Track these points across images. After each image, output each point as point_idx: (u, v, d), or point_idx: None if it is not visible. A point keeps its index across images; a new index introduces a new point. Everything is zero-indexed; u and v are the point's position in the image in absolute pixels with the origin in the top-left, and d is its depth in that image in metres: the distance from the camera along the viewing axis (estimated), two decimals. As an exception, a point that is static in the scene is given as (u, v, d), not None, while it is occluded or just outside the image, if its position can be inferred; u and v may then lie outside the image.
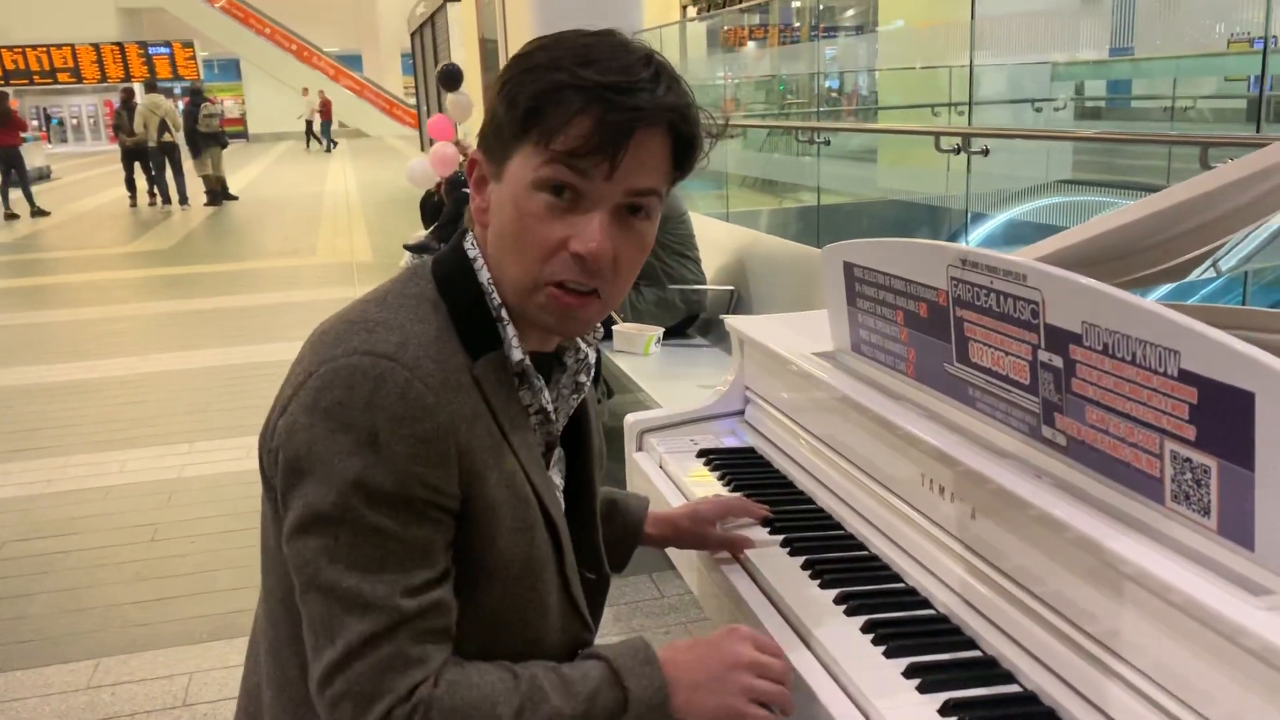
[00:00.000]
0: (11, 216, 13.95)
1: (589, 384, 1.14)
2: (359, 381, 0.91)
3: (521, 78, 0.95)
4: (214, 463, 4.23)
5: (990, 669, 1.09)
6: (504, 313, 1.01)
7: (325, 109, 28.73)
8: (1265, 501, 0.86)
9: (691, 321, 4.12)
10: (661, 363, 3.80)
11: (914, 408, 1.38)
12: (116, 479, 4.10)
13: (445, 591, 0.95)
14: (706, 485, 1.67)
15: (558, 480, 1.14)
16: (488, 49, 9.83)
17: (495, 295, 1.01)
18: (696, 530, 1.40)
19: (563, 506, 1.10)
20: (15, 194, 14.05)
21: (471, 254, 1.03)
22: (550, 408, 1.07)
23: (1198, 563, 0.91)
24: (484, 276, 1.02)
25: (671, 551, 1.66)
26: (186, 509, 3.77)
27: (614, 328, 3.93)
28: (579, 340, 1.12)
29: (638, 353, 3.85)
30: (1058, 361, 1.09)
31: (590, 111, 0.92)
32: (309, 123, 29.04)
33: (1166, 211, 1.49)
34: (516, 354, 1.01)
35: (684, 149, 0.98)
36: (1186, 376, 0.92)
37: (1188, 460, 0.93)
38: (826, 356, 1.64)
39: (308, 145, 28.96)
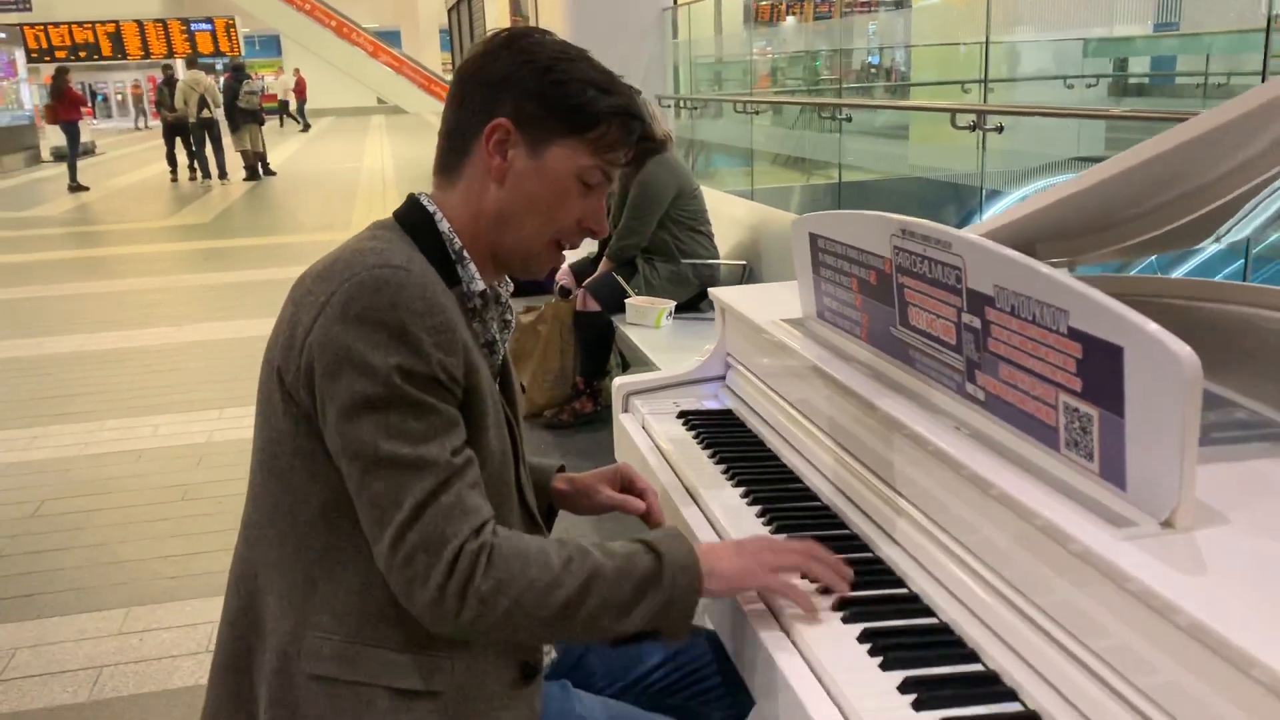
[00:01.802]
0: (79, 189, 14.35)
1: (512, 321, 1.32)
2: (383, 288, 1.07)
3: (583, 89, 1.18)
4: (242, 428, 4.39)
5: (912, 604, 1.19)
6: (465, 253, 1.20)
7: (299, 88, 29.33)
8: (1134, 445, 0.95)
9: (704, 296, 4.21)
10: (672, 335, 3.90)
11: (864, 369, 1.47)
12: (149, 442, 4.27)
13: (472, 453, 1.12)
14: (682, 444, 1.77)
15: None
16: (515, 9, 9.99)
17: (456, 240, 1.20)
18: (586, 489, 1.47)
19: None
20: (78, 164, 14.56)
21: (430, 209, 1.21)
22: (497, 338, 1.27)
23: (1080, 503, 1.00)
24: (444, 226, 1.20)
25: None
26: (215, 471, 3.94)
27: (627, 301, 4.03)
28: (502, 284, 1.31)
29: (649, 325, 3.95)
30: (977, 323, 1.18)
31: (632, 137, 1.22)
32: (284, 102, 29.67)
33: (1136, 170, 1.35)
34: (479, 285, 1.21)
35: None
36: (1074, 334, 1.01)
37: (1076, 410, 1.03)
38: (795, 323, 1.74)
39: (281, 124, 29.57)
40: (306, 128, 28.46)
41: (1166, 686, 0.85)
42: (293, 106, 29.74)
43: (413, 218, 1.22)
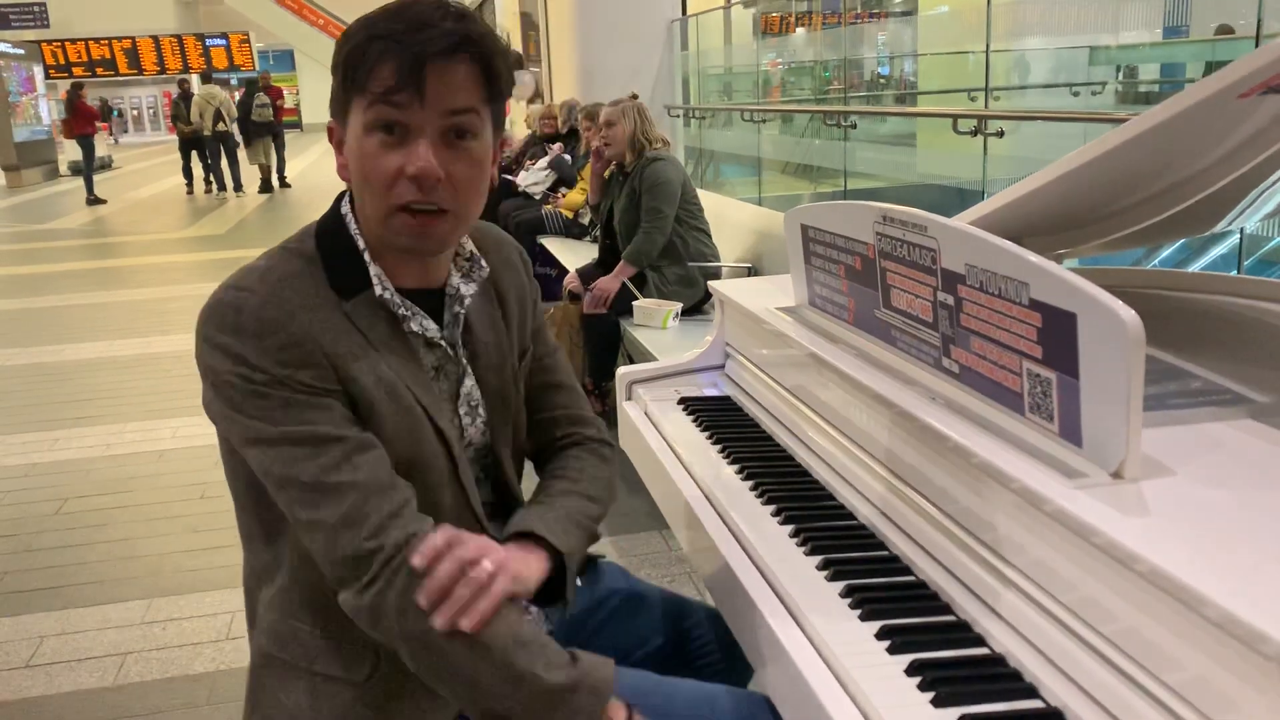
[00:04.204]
0: (96, 202, 14.55)
1: (463, 313, 1.27)
2: (224, 311, 1.11)
3: (340, 48, 1.14)
4: (260, 430, 4.49)
5: (892, 563, 1.27)
6: (367, 256, 1.19)
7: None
8: (1088, 404, 1.03)
9: (708, 297, 4.30)
10: (678, 336, 3.98)
11: (851, 350, 1.55)
12: (169, 444, 4.38)
13: (364, 467, 1.11)
14: (682, 428, 1.86)
15: (481, 407, 1.30)
16: (527, 22, 10.15)
17: (360, 241, 1.19)
18: None
19: (463, 428, 1.28)
20: (95, 178, 14.83)
21: (344, 210, 1.22)
22: (435, 335, 1.24)
23: (1043, 461, 1.08)
24: (352, 228, 1.20)
25: (665, 510, 1.79)
26: (233, 470, 4.03)
27: (634, 303, 4.12)
28: (452, 275, 1.26)
29: (656, 326, 4.04)
30: (950, 300, 1.26)
31: (390, 55, 1.09)
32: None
33: (1114, 154, 1.34)
34: (378, 290, 1.18)
35: (490, 71, 1.14)
36: (1034, 304, 1.09)
37: (1037, 375, 1.11)
38: (788, 310, 1.82)
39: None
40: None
41: (1124, 631, 0.93)
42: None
43: (326, 224, 1.22)
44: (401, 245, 1.17)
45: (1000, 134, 4.59)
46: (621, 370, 2.11)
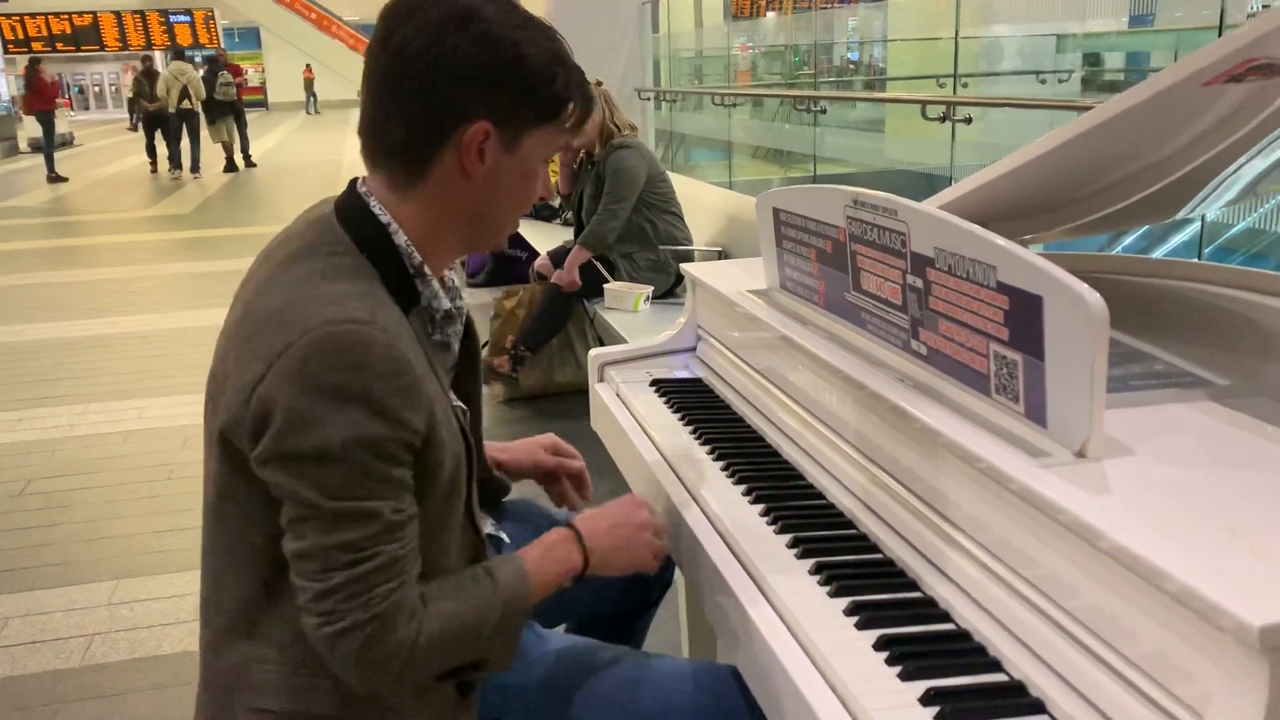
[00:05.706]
0: (57, 179, 14.34)
1: (457, 315, 1.29)
2: (346, 348, 1.01)
3: (549, 72, 1.14)
4: (227, 411, 4.46)
5: (860, 542, 1.29)
6: (425, 269, 1.16)
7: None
8: (1053, 386, 1.06)
9: (680, 281, 4.31)
10: (649, 319, 4.00)
11: (821, 333, 1.57)
12: (135, 424, 4.34)
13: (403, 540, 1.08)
14: (654, 409, 1.87)
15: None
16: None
17: (416, 255, 1.15)
18: (527, 455, 1.61)
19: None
20: (56, 155, 14.59)
21: (384, 219, 1.15)
22: (453, 341, 1.28)
23: (1009, 440, 1.10)
24: (400, 240, 1.14)
25: (637, 491, 1.78)
26: (201, 451, 4.00)
27: (606, 286, 4.13)
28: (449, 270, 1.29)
29: (627, 310, 4.05)
30: (919, 283, 1.28)
31: (579, 92, 1.19)
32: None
33: (1079, 141, 1.36)
34: (443, 303, 1.20)
35: None
36: (1002, 287, 1.11)
37: (1004, 357, 1.13)
38: (760, 294, 1.84)
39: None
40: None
41: (1086, 606, 0.96)
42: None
43: (366, 232, 1.14)
44: (500, 243, 1.25)
45: (968, 120, 4.62)
46: (594, 352, 2.12)
